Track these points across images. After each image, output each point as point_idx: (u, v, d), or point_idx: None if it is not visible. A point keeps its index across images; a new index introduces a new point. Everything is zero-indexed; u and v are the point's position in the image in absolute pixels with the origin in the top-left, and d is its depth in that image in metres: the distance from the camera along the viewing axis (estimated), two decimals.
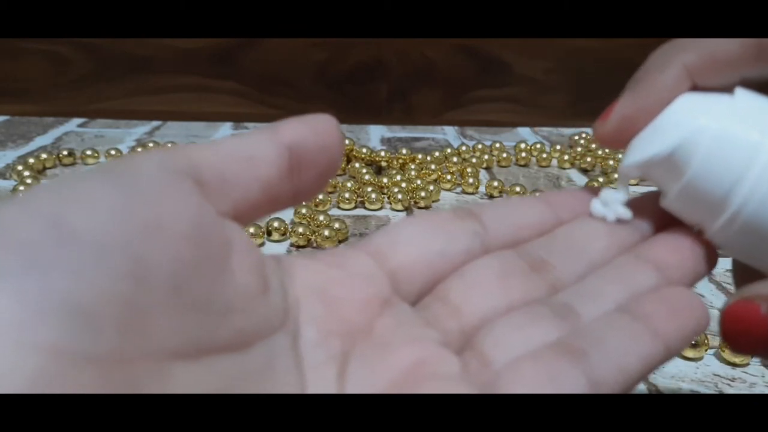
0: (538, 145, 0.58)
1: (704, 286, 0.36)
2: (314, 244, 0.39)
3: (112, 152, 0.53)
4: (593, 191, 0.18)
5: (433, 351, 0.14)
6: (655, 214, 0.17)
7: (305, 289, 0.14)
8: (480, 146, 0.58)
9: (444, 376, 0.14)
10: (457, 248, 0.16)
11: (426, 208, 0.46)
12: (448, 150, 0.55)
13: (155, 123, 0.68)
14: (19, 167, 0.48)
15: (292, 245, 0.39)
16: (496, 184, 0.49)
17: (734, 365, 0.29)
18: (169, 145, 0.56)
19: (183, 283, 0.11)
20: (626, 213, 0.16)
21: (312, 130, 0.15)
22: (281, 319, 0.14)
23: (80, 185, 0.11)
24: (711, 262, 0.17)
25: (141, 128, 0.66)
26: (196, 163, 0.13)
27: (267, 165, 0.14)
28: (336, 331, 0.14)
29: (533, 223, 0.17)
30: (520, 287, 0.16)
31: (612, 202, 0.17)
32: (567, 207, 0.17)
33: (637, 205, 0.17)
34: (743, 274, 0.18)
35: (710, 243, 0.17)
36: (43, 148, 0.57)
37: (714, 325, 0.31)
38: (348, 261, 0.15)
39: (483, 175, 0.54)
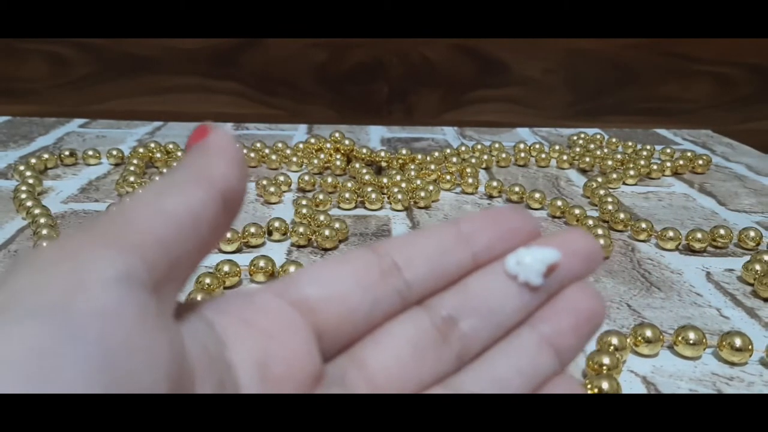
0: (537, 146, 0.58)
1: (703, 286, 0.36)
2: (315, 244, 0.39)
3: (114, 152, 0.53)
4: (514, 217, 0.17)
5: None
6: (570, 257, 0.17)
7: (246, 365, 0.14)
8: (479, 146, 0.58)
9: None
10: (381, 310, 0.16)
11: (426, 208, 0.46)
12: (448, 150, 0.56)
13: (156, 123, 0.68)
14: (21, 167, 0.48)
15: (292, 245, 0.39)
16: (495, 184, 0.49)
17: (733, 364, 0.29)
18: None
19: None
20: (536, 280, 0.16)
21: (237, 165, 0.14)
22: None
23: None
24: (601, 316, 0.17)
25: (142, 128, 0.66)
26: (145, 255, 0.12)
27: (208, 222, 0.13)
28: None
29: (451, 271, 0.17)
30: (432, 361, 0.16)
31: (525, 265, 0.16)
32: (483, 241, 0.17)
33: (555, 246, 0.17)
34: None
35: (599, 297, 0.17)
36: (44, 149, 0.57)
37: (714, 326, 0.31)
38: (281, 324, 0.15)
39: (483, 175, 0.54)
